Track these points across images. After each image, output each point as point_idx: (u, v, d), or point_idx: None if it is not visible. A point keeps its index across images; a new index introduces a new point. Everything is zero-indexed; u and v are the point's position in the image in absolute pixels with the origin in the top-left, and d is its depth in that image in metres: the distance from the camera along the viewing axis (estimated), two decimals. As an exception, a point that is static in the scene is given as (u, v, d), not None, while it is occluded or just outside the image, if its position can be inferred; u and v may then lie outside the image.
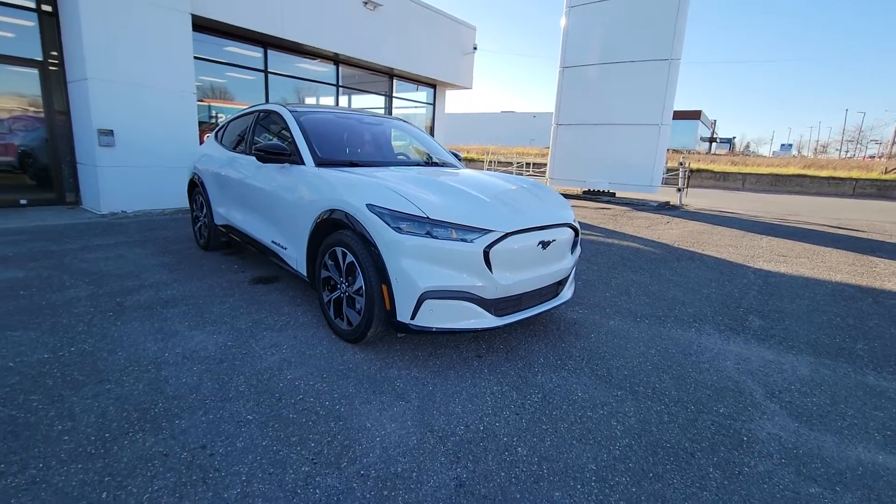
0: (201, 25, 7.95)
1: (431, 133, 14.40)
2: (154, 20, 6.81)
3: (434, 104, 14.21)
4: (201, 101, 9.12)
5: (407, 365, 2.61)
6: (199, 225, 4.99)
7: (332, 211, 2.78)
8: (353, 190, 2.74)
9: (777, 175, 21.87)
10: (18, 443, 1.81)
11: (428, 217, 2.45)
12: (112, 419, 1.98)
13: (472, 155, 28.27)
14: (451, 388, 2.39)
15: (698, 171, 22.89)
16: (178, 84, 7.28)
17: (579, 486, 1.73)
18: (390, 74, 12.55)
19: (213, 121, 9.17)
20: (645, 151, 12.18)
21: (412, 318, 2.45)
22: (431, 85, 13.87)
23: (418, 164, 3.83)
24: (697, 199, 14.98)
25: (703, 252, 6.21)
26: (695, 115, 50.06)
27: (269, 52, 9.54)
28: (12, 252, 4.48)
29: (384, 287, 2.50)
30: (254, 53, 9.39)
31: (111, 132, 6.60)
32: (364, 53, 10.86)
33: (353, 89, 12.24)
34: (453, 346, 2.88)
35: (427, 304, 2.43)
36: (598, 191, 13.22)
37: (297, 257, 3.22)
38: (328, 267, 2.90)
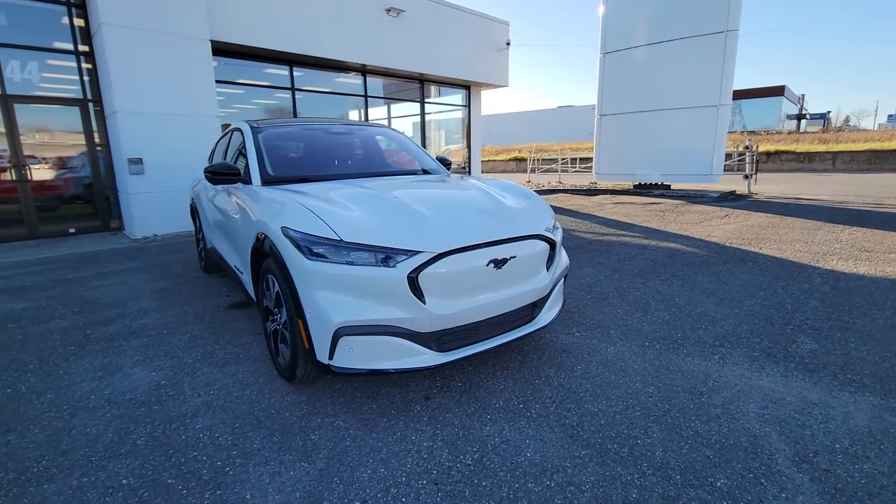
0: (224, 50, 8.20)
1: (468, 135, 14.00)
2: (174, 50, 7.09)
3: (469, 106, 13.81)
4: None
5: (337, 410, 2.25)
6: (200, 248, 5.00)
7: (263, 234, 2.50)
8: (276, 211, 2.45)
9: (876, 151, 18.87)
10: None
11: (341, 240, 2.09)
12: (-15, 480, 1.82)
13: (523, 154, 27.38)
14: (372, 443, 1.99)
15: (777, 153, 20.41)
16: (202, 110, 7.52)
17: None
18: (421, 80, 12.35)
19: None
20: (702, 137, 10.92)
21: (330, 357, 2.10)
22: (465, 86, 13.49)
23: (388, 174, 3.47)
24: (772, 185, 13.26)
25: (760, 251, 5.25)
26: (777, 91, 45.08)
27: (294, 69, 9.69)
28: (31, 282, 4.72)
29: (300, 322, 2.17)
30: (280, 72, 9.59)
31: (140, 160, 6.94)
32: (391, 61, 10.74)
33: (383, 98, 12.19)
34: (403, 384, 2.49)
35: (344, 341, 2.06)
36: (651, 184, 12.08)
37: (249, 282, 3.00)
38: (266, 296, 2.63)
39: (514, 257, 2.33)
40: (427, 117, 13.20)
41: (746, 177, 11.64)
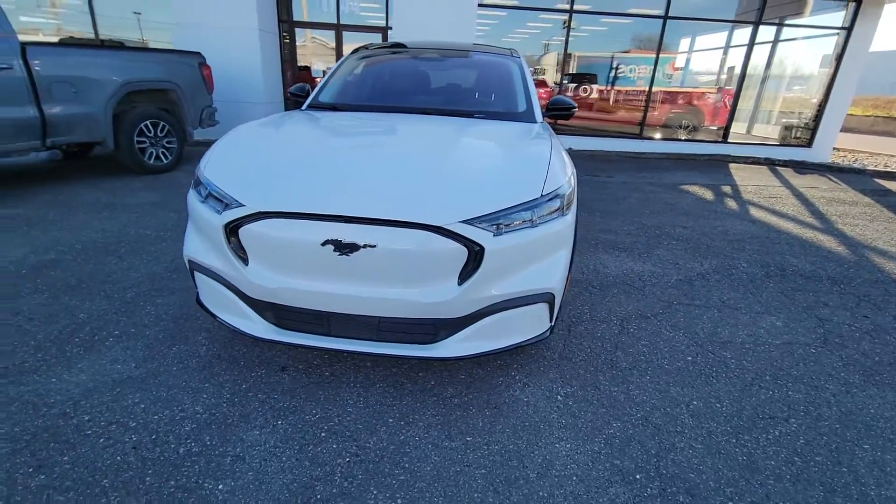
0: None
1: (832, 79, 9.41)
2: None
3: (850, 29, 9.08)
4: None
5: (212, 340, 2.25)
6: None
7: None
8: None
9: None
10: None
11: (202, 171, 1.95)
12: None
13: None
14: (173, 383, 1.92)
15: None
16: (461, 34, 7.84)
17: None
18: (762, -10, 8.84)
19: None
20: None
21: (196, 286, 2.10)
22: (850, -3, 8.84)
23: (432, 112, 2.74)
24: None
25: None
26: None
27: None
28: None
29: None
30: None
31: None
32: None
33: (689, 20, 9.37)
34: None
35: (198, 277, 2.01)
36: None
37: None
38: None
39: (374, 247, 1.61)
40: (776, 48, 9.55)
41: None
